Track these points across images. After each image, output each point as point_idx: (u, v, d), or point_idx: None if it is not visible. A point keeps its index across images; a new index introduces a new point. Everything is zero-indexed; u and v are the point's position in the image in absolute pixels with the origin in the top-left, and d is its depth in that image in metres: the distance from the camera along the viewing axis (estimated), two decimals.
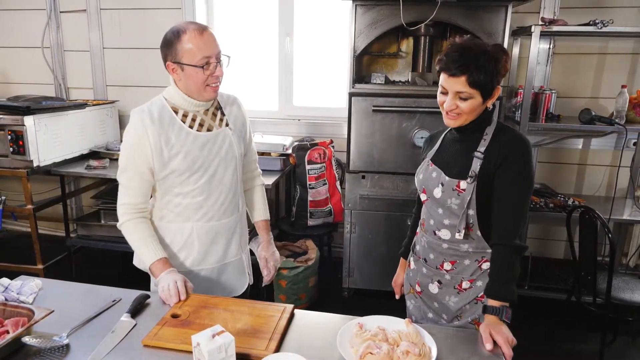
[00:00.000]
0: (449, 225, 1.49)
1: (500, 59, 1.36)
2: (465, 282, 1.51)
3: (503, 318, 1.34)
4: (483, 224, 1.45)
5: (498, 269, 1.40)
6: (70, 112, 3.28)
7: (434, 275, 1.57)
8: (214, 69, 1.52)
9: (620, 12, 3.13)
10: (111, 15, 3.75)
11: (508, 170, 1.40)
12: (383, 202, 3.09)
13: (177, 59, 1.50)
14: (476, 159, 1.43)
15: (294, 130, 3.71)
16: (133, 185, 1.55)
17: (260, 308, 1.42)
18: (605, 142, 3.36)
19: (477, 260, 1.49)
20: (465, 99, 1.38)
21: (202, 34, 1.49)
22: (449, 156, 1.52)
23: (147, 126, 1.51)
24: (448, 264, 1.52)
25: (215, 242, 1.67)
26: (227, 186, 1.65)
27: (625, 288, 2.57)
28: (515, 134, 1.46)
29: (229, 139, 1.65)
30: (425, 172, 1.56)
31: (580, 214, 2.56)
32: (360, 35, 2.93)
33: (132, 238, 1.57)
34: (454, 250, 1.50)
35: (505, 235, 1.40)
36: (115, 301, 1.47)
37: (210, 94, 1.57)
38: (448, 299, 1.54)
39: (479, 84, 1.35)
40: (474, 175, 1.41)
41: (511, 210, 1.41)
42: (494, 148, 1.42)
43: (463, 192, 1.43)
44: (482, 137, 1.45)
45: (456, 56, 1.36)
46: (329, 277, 3.47)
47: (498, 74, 1.37)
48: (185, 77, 1.52)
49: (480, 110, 1.43)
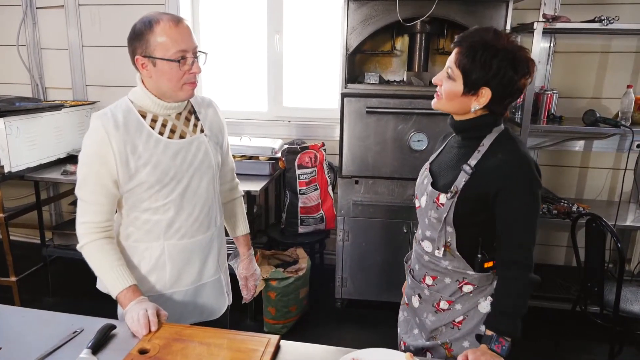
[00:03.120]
0: (430, 238, 1.37)
1: (507, 63, 1.19)
2: (444, 302, 1.39)
3: (492, 347, 1.21)
4: (463, 244, 1.31)
5: (504, 300, 1.27)
6: (46, 113, 3.08)
7: (416, 288, 1.46)
8: (191, 65, 1.35)
9: (624, 8, 3.00)
10: (90, 11, 3.56)
11: (511, 199, 1.23)
12: (378, 209, 2.94)
13: (149, 53, 1.32)
14: (463, 172, 1.28)
15: (284, 133, 3.55)
16: (95, 200, 1.37)
17: (241, 340, 1.25)
18: (607, 144, 3.23)
19: (457, 280, 1.36)
20: (450, 77, 1.26)
21: (178, 25, 1.32)
22: (444, 163, 1.40)
23: (110, 133, 1.32)
24: (429, 279, 1.41)
25: (190, 261, 1.50)
26: (202, 199, 1.48)
27: (634, 300, 2.43)
28: (515, 154, 1.26)
29: (204, 146, 1.48)
30: (420, 177, 1.45)
31: (586, 222, 2.42)
32: (353, 33, 2.77)
33: (96, 263, 1.39)
34: (434, 264, 1.39)
35: (516, 268, 1.25)
36: (76, 332, 1.29)
37: (188, 92, 1.40)
38: (426, 316, 1.44)
39: (463, 66, 1.22)
40: (455, 191, 1.27)
41: (521, 242, 1.26)
42: (488, 166, 1.26)
43: (441, 207, 1.30)
44: (477, 148, 1.29)
45: (469, 31, 1.26)
46: (321, 286, 3.31)
47: (491, 74, 1.19)
48: (157, 73, 1.34)
49: (462, 107, 1.27)
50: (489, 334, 1.25)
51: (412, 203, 2.96)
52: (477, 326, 1.35)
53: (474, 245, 1.31)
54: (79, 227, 1.39)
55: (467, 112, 1.29)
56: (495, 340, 1.22)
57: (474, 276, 1.33)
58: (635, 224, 2.83)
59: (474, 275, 1.33)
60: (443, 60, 3.18)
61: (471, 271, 1.33)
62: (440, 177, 1.36)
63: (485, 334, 1.27)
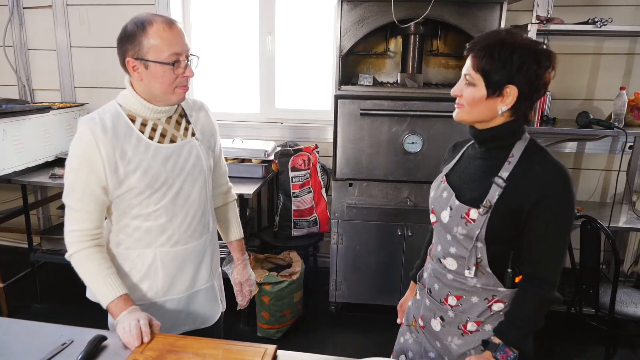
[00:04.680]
0: (455, 255, 1.27)
1: (529, 57, 1.14)
2: (471, 323, 1.27)
3: (497, 355, 1.17)
4: (494, 260, 1.23)
5: (520, 312, 1.21)
6: (33, 116, 3.02)
7: (436, 310, 1.34)
8: (184, 68, 1.32)
9: (616, 10, 3.01)
10: (79, 11, 3.50)
11: (547, 212, 1.16)
12: (372, 212, 2.91)
13: (141, 55, 1.28)
14: (495, 185, 1.19)
15: (277, 135, 3.51)
16: (83, 207, 1.32)
17: (236, 351, 1.22)
18: (600, 146, 3.24)
19: (486, 299, 1.26)
20: (469, 84, 1.20)
21: (172, 28, 1.29)
22: (465, 175, 1.30)
23: (98, 137, 1.28)
24: (453, 299, 1.30)
25: (183, 269, 1.45)
26: (194, 205, 1.44)
27: (629, 302, 2.43)
28: (552, 165, 1.19)
29: (195, 150, 1.44)
30: (437, 190, 1.35)
31: (581, 224, 2.42)
32: (347, 34, 2.74)
33: (86, 272, 1.34)
34: (460, 283, 1.28)
35: (542, 285, 1.20)
36: (65, 344, 1.25)
37: (180, 96, 1.36)
38: (450, 340, 1.32)
39: (483, 68, 1.16)
40: (488, 206, 1.18)
41: (550, 258, 1.19)
42: (523, 177, 1.19)
43: (472, 223, 1.20)
44: (507, 159, 1.21)
45: (479, 36, 1.21)
46: (315, 290, 3.28)
47: (514, 70, 1.14)
48: (149, 76, 1.30)
49: (488, 112, 1.20)
50: (497, 341, 1.20)
51: (406, 206, 2.96)
52: None
53: (505, 260, 1.24)
54: (67, 235, 1.35)
55: (493, 118, 1.21)
56: (501, 349, 1.18)
57: (504, 293, 1.24)
58: (628, 225, 2.83)
59: (505, 292, 1.24)
60: (437, 61, 3.17)
61: (502, 287, 1.24)
62: (465, 190, 1.26)
63: (493, 341, 1.21)
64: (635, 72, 3.11)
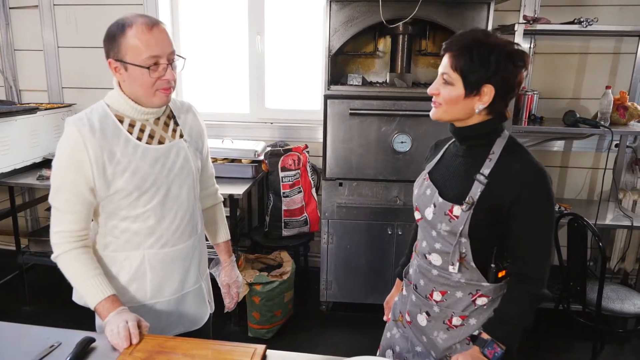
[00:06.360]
0: (440, 251, 1.30)
1: (504, 57, 1.17)
2: (456, 317, 1.30)
3: (485, 351, 1.19)
4: (479, 255, 1.26)
5: (509, 309, 1.23)
6: (20, 117, 2.99)
7: (422, 305, 1.37)
8: (164, 71, 1.29)
9: (601, 10, 3.05)
10: (66, 11, 3.47)
11: (527, 209, 1.19)
12: (362, 211, 2.92)
13: (120, 57, 1.27)
14: (478, 182, 1.22)
15: (267, 135, 3.51)
16: (70, 209, 1.31)
17: (226, 351, 1.22)
18: (586, 144, 3.28)
19: (470, 293, 1.29)
20: (447, 83, 1.22)
21: (152, 30, 1.27)
22: (448, 173, 1.32)
23: (85, 138, 1.27)
24: (438, 294, 1.33)
25: (172, 271, 1.45)
26: (183, 206, 1.43)
27: (615, 298, 2.47)
28: (531, 163, 1.23)
29: (184, 152, 1.43)
30: (420, 188, 1.37)
31: (568, 222, 2.45)
32: (336, 34, 2.75)
33: (73, 273, 1.33)
34: (444, 278, 1.30)
35: (529, 282, 1.22)
36: (53, 347, 1.24)
37: (162, 99, 1.34)
38: (436, 335, 1.34)
39: (461, 67, 1.18)
40: (471, 202, 1.21)
41: (536, 254, 1.22)
42: (503, 175, 1.21)
43: (455, 220, 1.23)
44: (488, 156, 1.24)
45: (456, 35, 1.23)
46: (306, 289, 3.29)
47: (492, 70, 1.16)
48: (129, 78, 1.29)
49: (465, 110, 1.22)
50: (485, 337, 1.22)
51: (396, 205, 2.97)
52: None
53: (488, 255, 1.26)
54: (53, 236, 1.34)
55: (471, 116, 1.24)
56: (489, 345, 1.20)
57: (488, 287, 1.27)
58: (614, 222, 2.87)
59: (489, 287, 1.27)
60: (425, 61, 3.19)
61: (485, 282, 1.27)
62: (448, 187, 1.29)
63: (481, 336, 1.23)
64: (621, 72, 3.15)
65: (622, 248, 3.26)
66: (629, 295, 2.51)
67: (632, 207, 3.17)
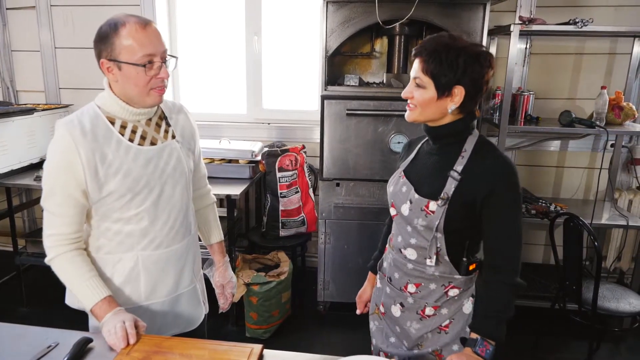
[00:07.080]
0: (415, 245, 1.36)
1: (472, 59, 1.22)
2: (429, 308, 1.37)
3: (477, 350, 1.23)
4: (452, 249, 1.32)
5: (490, 305, 1.28)
6: (17, 117, 2.99)
7: (397, 297, 1.44)
8: (158, 69, 1.30)
9: (597, 11, 3.07)
10: (63, 12, 3.47)
11: (499, 202, 1.26)
12: (359, 211, 2.93)
13: (114, 56, 1.27)
14: (451, 179, 1.28)
15: (264, 135, 3.52)
16: (63, 212, 1.30)
17: (223, 351, 1.23)
18: (582, 144, 3.30)
19: (443, 285, 1.36)
20: (419, 86, 1.28)
21: (145, 28, 1.27)
22: (423, 170, 1.38)
23: (77, 140, 1.26)
24: (412, 286, 1.39)
25: (165, 272, 1.45)
26: (176, 207, 1.44)
27: (611, 297, 2.48)
28: (500, 159, 1.30)
29: (176, 153, 1.44)
30: (396, 185, 1.42)
31: (564, 221, 2.46)
32: (333, 34, 2.75)
33: (67, 276, 1.33)
34: (419, 271, 1.37)
35: (503, 272, 1.28)
36: (50, 347, 1.25)
37: (155, 98, 1.34)
38: (409, 325, 1.41)
39: (431, 71, 1.24)
40: (446, 198, 1.27)
41: (508, 245, 1.28)
42: (475, 170, 1.28)
43: (431, 215, 1.29)
44: (460, 154, 1.30)
45: (425, 41, 1.28)
46: (303, 289, 3.29)
47: (460, 72, 1.22)
48: (123, 78, 1.29)
49: (439, 111, 1.28)
50: (474, 337, 1.26)
51: None
52: (463, 328, 1.36)
53: (461, 249, 1.33)
54: (46, 239, 1.33)
55: (444, 116, 1.30)
56: (480, 343, 1.23)
57: (460, 280, 1.34)
58: (610, 222, 2.89)
59: (460, 279, 1.34)
60: None
61: (457, 275, 1.34)
62: (423, 184, 1.34)
63: (470, 337, 1.27)
64: (616, 72, 3.17)
65: (617, 247, 3.27)
66: (624, 294, 2.53)
67: (628, 206, 3.19)
